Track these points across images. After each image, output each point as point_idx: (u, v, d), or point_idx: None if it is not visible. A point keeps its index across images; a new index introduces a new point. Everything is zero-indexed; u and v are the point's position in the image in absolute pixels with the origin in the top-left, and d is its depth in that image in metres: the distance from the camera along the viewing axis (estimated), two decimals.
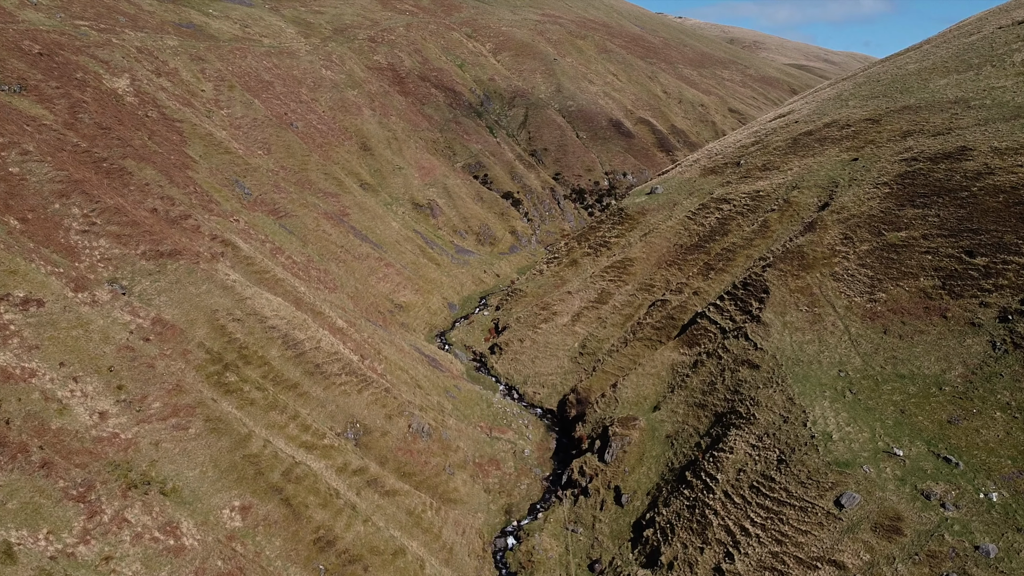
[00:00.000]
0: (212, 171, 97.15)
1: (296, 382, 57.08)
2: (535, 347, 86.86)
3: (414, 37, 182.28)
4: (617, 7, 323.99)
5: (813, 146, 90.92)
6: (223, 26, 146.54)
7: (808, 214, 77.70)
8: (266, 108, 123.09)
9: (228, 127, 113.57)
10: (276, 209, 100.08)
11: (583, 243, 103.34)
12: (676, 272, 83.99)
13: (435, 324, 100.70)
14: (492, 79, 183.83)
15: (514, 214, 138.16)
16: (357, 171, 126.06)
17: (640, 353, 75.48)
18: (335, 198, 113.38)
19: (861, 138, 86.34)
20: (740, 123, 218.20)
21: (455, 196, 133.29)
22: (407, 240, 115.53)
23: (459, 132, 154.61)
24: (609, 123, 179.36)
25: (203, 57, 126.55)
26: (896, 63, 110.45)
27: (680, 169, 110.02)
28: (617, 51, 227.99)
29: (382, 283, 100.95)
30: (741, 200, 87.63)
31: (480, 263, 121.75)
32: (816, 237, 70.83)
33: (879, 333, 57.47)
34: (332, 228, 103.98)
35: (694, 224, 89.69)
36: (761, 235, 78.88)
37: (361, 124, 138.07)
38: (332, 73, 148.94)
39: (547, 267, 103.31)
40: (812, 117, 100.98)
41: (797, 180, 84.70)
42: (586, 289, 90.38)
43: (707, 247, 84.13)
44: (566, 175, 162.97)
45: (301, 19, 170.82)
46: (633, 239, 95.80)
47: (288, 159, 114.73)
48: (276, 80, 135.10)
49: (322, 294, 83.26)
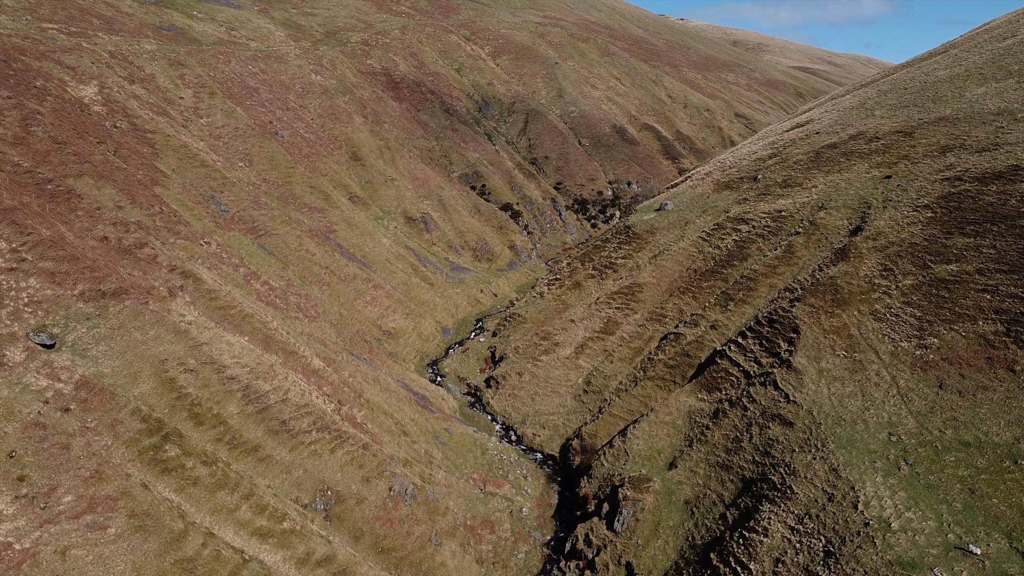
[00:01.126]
0: (185, 187, 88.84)
1: (257, 444, 48.70)
2: (535, 382, 78.49)
3: (410, 40, 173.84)
4: (619, 9, 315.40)
5: (839, 161, 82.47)
6: (207, 29, 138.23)
7: (838, 239, 69.29)
8: (249, 116, 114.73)
9: (207, 137, 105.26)
10: (255, 227, 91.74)
11: (587, 264, 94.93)
12: (690, 301, 75.58)
13: (427, 352, 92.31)
14: (491, 84, 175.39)
15: (513, 227, 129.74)
16: (346, 183, 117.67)
17: (652, 395, 67.10)
18: (321, 213, 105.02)
19: (893, 153, 77.92)
20: (747, 128, 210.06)
21: (451, 209, 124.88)
22: (398, 258, 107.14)
23: (456, 140, 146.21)
24: (612, 130, 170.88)
25: (183, 62, 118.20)
26: (923, 69, 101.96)
27: (691, 183, 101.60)
28: (620, 54, 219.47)
29: (369, 307, 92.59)
30: (761, 220, 79.21)
31: (477, 281, 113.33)
32: (850, 267, 62.41)
33: (933, 387, 49.04)
34: (316, 247, 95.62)
35: (709, 246, 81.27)
36: (785, 261, 70.45)
37: (352, 132, 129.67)
38: (322, 78, 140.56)
39: (548, 289, 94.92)
40: (835, 128, 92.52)
41: (823, 199, 76.27)
42: (590, 317, 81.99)
43: (724, 273, 75.72)
44: (568, 184, 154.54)
45: (291, 21, 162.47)
46: (642, 261, 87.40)
47: (271, 171, 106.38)
48: (262, 86, 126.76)
49: (299, 325, 74.88)
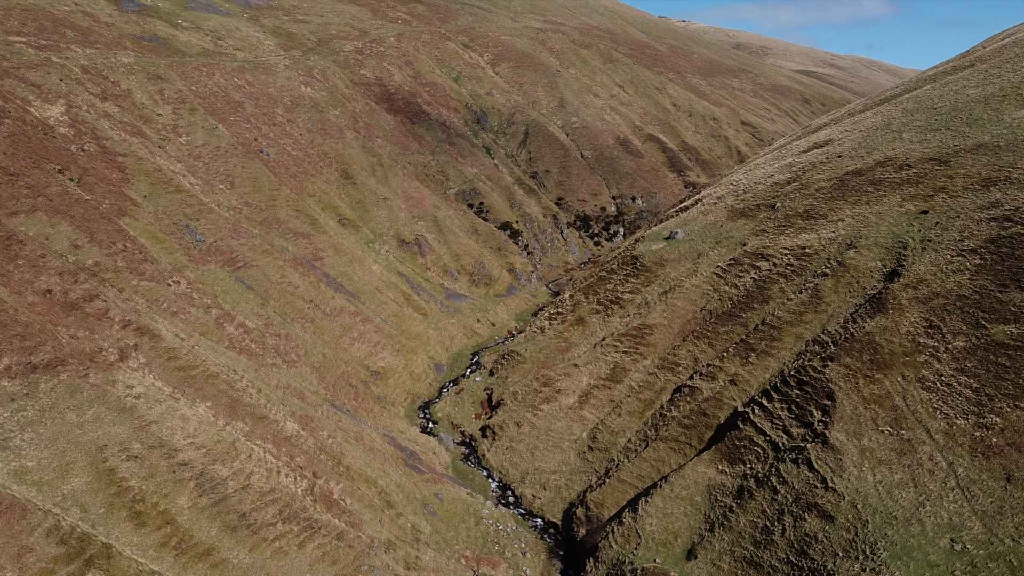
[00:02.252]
0: (157, 216, 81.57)
1: (210, 546, 41.40)
2: (535, 434, 71.18)
3: (405, 48, 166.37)
4: (622, 13, 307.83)
5: (866, 190, 75.08)
6: (192, 39, 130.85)
7: (871, 283, 61.91)
8: (232, 133, 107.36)
9: (186, 158, 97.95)
10: (233, 258, 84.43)
11: (591, 296, 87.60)
12: (705, 348, 68.22)
13: (418, 392, 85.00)
14: (490, 93, 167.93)
15: (512, 248, 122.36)
16: (335, 204, 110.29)
17: (665, 459, 59.80)
18: (307, 239, 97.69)
19: (928, 184, 70.52)
20: (754, 137, 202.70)
21: (446, 230, 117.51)
22: (389, 286, 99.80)
23: (453, 154, 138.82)
24: (616, 141, 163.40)
25: (163, 76, 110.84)
26: (950, 86, 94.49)
27: (702, 207, 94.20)
28: (623, 60, 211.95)
29: (357, 345, 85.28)
30: (782, 257, 71.83)
31: (473, 310, 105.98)
32: (889, 322, 55.07)
33: (999, 480, 41.74)
34: (300, 278, 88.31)
35: (725, 284, 73.90)
36: (812, 308, 63.09)
37: (342, 149, 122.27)
38: (312, 90, 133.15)
39: (549, 324, 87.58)
40: (859, 151, 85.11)
41: (852, 236, 68.90)
42: (595, 362, 74.64)
43: (743, 317, 68.36)
44: (569, 200, 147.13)
45: (282, 29, 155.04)
46: (650, 297, 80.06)
47: (254, 194, 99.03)
48: (247, 100, 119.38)
49: (275, 375, 67.55)
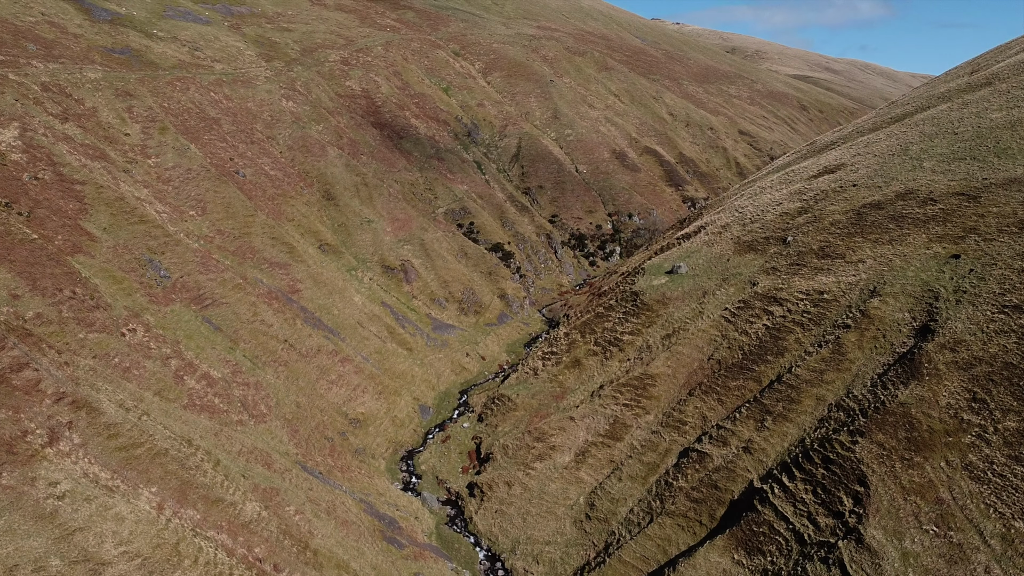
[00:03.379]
0: (117, 251, 74.56)
1: None
2: (527, 496, 64.43)
3: (394, 58, 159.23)
4: (616, 17, 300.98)
5: (887, 227, 68.49)
6: (167, 50, 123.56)
7: (900, 340, 55.33)
8: (205, 154, 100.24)
9: (154, 182, 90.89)
10: (201, 296, 77.48)
11: (587, 335, 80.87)
12: (714, 405, 61.55)
13: (402, 440, 78.16)
14: (481, 104, 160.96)
15: (504, 272, 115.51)
16: (316, 228, 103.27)
17: (672, 537, 53.16)
18: (284, 270, 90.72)
19: (956, 222, 64.00)
20: (752, 147, 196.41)
21: (434, 254, 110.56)
22: (372, 319, 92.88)
23: (442, 171, 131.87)
24: (612, 155, 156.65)
25: (132, 92, 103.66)
26: (970, 107, 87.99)
27: (706, 237, 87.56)
28: (618, 68, 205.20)
29: (335, 389, 78.40)
30: (798, 303, 65.19)
31: (462, 342, 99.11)
32: (926, 391, 48.49)
33: None
34: (274, 315, 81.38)
35: (734, 330, 67.23)
36: (834, 366, 56.47)
37: (325, 167, 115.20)
38: (294, 104, 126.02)
39: (543, 365, 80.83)
40: (875, 180, 78.56)
41: (875, 280, 62.29)
42: (593, 415, 67.90)
43: (755, 371, 61.72)
44: (564, 217, 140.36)
45: (264, 38, 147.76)
46: (652, 340, 73.36)
47: (227, 221, 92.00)
48: (224, 116, 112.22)
49: (240, 437, 60.60)
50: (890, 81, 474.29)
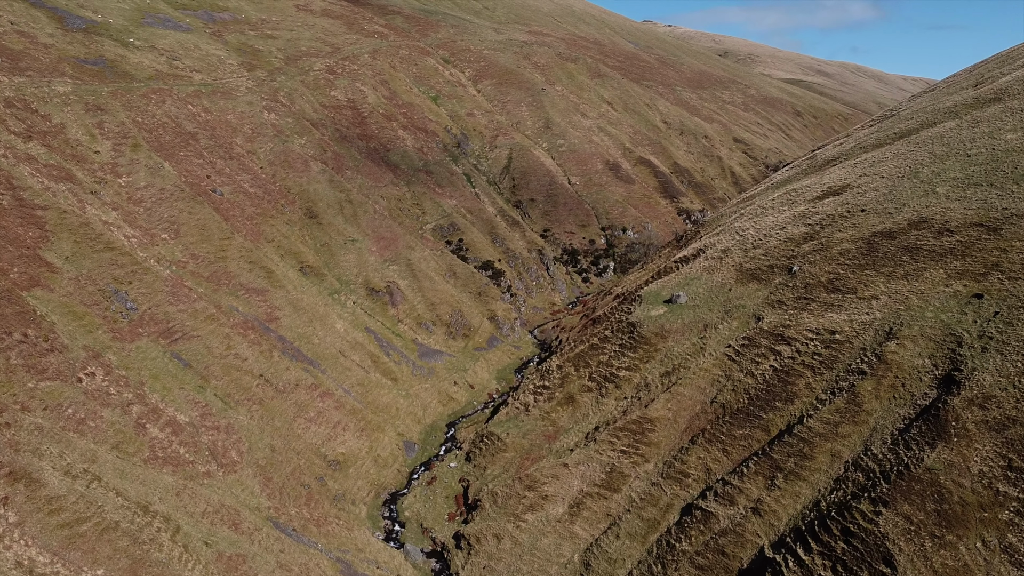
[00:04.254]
0: (79, 283, 69.40)
1: None
2: (517, 550, 59.62)
3: (381, 66, 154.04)
4: (609, 21, 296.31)
5: (901, 259, 63.92)
6: (144, 60, 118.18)
7: (921, 390, 50.74)
8: (181, 172, 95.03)
9: (125, 203, 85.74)
10: (170, 329, 72.38)
11: (581, 369, 76.10)
12: (719, 456, 56.87)
13: (384, 482, 73.23)
14: (471, 114, 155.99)
15: (494, 292, 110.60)
16: (297, 249, 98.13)
17: None
18: (261, 296, 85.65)
19: (977, 257, 59.47)
20: (747, 156, 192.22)
21: (421, 274, 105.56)
22: (355, 347, 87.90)
23: (430, 185, 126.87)
24: (605, 166, 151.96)
25: (104, 106, 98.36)
26: (982, 125, 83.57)
27: (706, 262, 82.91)
28: (611, 75, 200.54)
29: (313, 427, 73.41)
30: (807, 343, 60.56)
31: (449, 369, 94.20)
32: (955, 455, 43.88)
33: None
34: (249, 347, 76.35)
35: (739, 371, 62.56)
36: (850, 417, 51.84)
37: (307, 184, 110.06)
38: (276, 117, 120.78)
39: (534, 401, 76.02)
40: (885, 205, 74.03)
41: (891, 320, 57.70)
42: (589, 461, 63.12)
43: (763, 418, 57.08)
44: (556, 231, 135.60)
45: (247, 46, 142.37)
46: (651, 377, 68.63)
47: (202, 244, 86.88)
48: (202, 130, 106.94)
49: (205, 493, 55.56)
50: (882, 84, 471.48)
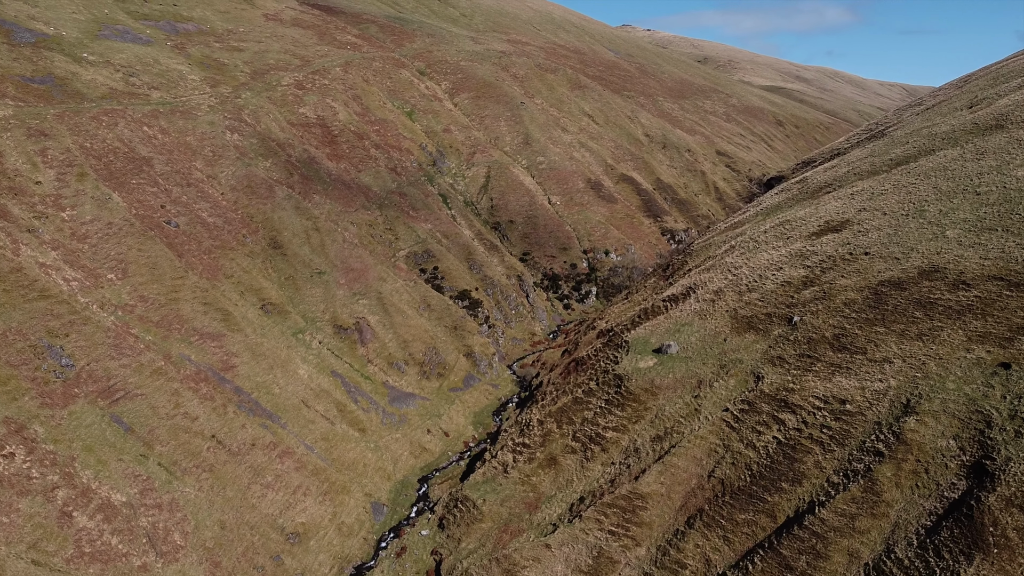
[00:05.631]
0: (5, 339, 61.87)
1: None
2: None
3: (353, 80, 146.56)
4: (589, 28, 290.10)
5: (913, 315, 57.93)
6: (98, 77, 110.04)
7: (948, 479, 44.62)
8: (130, 204, 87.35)
9: (67, 240, 78.02)
10: (111, 388, 64.92)
11: (564, 426, 69.52)
12: (719, 544, 50.49)
13: (349, 555, 66.19)
14: (447, 130, 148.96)
15: (471, 326, 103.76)
16: (259, 285, 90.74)
17: None
18: (217, 342, 78.27)
19: (999, 317, 53.55)
20: (730, 170, 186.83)
21: (393, 308, 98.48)
22: (320, 395, 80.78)
23: (403, 208, 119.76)
24: (587, 184, 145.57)
25: (48, 131, 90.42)
26: (987, 158, 77.97)
27: (697, 304, 76.65)
28: (592, 86, 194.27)
29: (271, 495, 66.23)
30: (814, 411, 54.37)
31: (423, 415, 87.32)
32: (995, 570, 37.77)
33: None
34: (201, 404, 69.02)
35: (739, 441, 56.25)
36: (868, 508, 45.65)
37: (271, 211, 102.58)
38: (240, 137, 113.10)
39: (513, 461, 69.32)
40: (891, 248, 68.09)
41: (907, 391, 51.62)
42: (573, 542, 56.51)
43: (768, 501, 50.78)
44: (536, 255, 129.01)
45: (212, 60, 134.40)
46: (640, 441, 62.18)
47: (151, 284, 79.33)
48: (157, 155, 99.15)
49: None
50: (859, 90, 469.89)
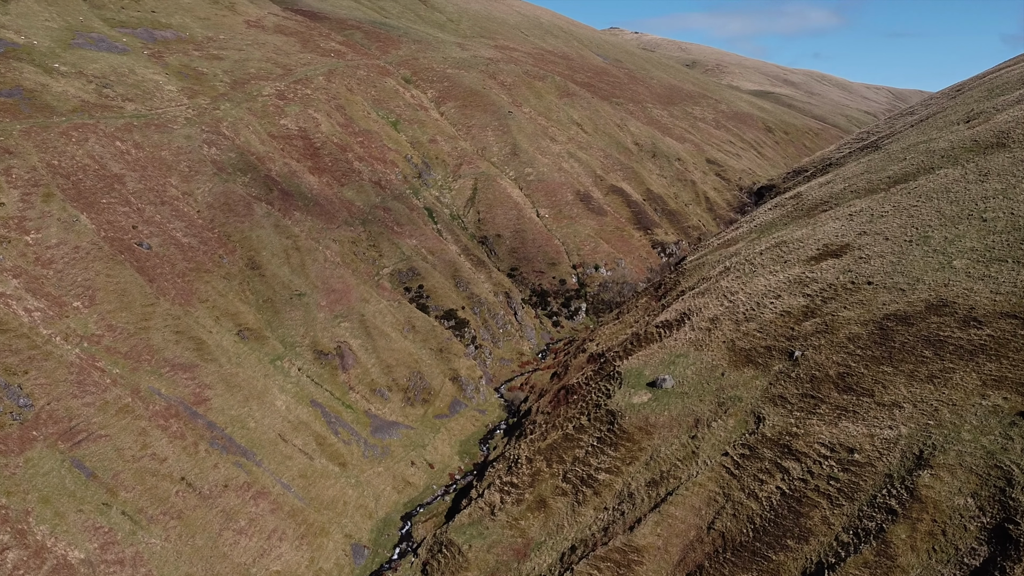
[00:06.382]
0: None
1: None
2: None
3: (337, 89, 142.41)
4: (577, 33, 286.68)
5: (922, 354, 54.67)
6: (69, 89, 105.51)
7: (967, 543, 41.27)
8: (100, 225, 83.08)
9: (31, 266, 73.68)
10: (72, 429, 60.79)
11: (554, 465, 65.91)
12: None
13: None
14: (434, 140, 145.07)
15: (457, 348, 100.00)
16: (235, 309, 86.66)
17: None
18: (189, 373, 74.17)
19: (1015, 360, 50.27)
20: (720, 178, 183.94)
21: (376, 331, 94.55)
22: (298, 428, 76.82)
23: (388, 223, 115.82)
24: (576, 196, 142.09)
25: (14, 148, 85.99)
26: (991, 180, 74.95)
27: (692, 333, 73.22)
28: (581, 94, 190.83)
29: (244, 541, 62.25)
30: (820, 460, 50.94)
31: (407, 446, 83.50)
32: None
33: None
34: (170, 443, 64.94)
35: (739, 489, 52.81)
36: (882, 574, 42.26)
37: (250, 229, 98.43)
38: (218, 151, 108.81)
39: (501, 501, 65.63)
40: (895, 277, 64.84)
41: (920, 440, 48.28)
42: None
43: (772, 560, 47.29)
44: (524, 271, 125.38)
45: (190, 69, 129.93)
46: (635, 485, 58.65)
47: (120, 312, 75.12)
48: (130, 172, 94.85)
49: None
50: (846, 93, 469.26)
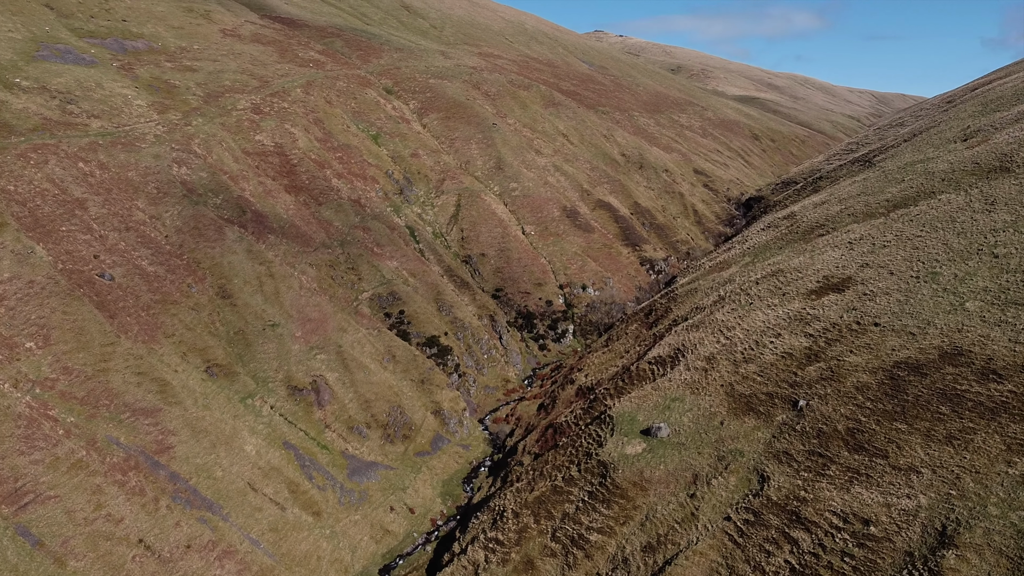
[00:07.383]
0: None
1: None
2: None
3: (315, 102, 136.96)
4: (562, 40, 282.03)
5: (939, 411, 50.42)
6: (30, 105, 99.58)
7: None
8: (57, 257, 77.47)
9: None
10: (18, 491, 55.47)
11: (542, 521, 61.22)
12: None
13: None
14: (416, 154, 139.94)
15: (439, 378, 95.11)
16: (204, 344, 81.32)
17: None
18: (152, 418, 68.82)
19: None
20: (708, 190, 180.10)
21: (354, 363, 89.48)
22: (269, 475, 71.67)
23: (367, 244, 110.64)
24: (562, 212, 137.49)
25: None
26: (998, 210, 70.99)
27: (688, 373, 68.78)
28: (567, 103, 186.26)
29: None
30: (832, 534, 46.49)
31: (385, 489, 78.52)
32: None
33: None
34: (128, 501, 59.68)
35: (744, 561, 48.26)
36: None
37: (221, 255, 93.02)
38: (188, 171, 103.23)
39: (485, 560, 60.82)
40: (903, 319, 60.66)
41: (942, 512, 43.99)
42: None
43: None
44: (510, 291, 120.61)
45: (161, 82, 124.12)
46: (629, 549, 54.04)
47: (77, 353, 69.65)
48: (93, 196, 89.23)
49: None
50: (830, 97, 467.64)
